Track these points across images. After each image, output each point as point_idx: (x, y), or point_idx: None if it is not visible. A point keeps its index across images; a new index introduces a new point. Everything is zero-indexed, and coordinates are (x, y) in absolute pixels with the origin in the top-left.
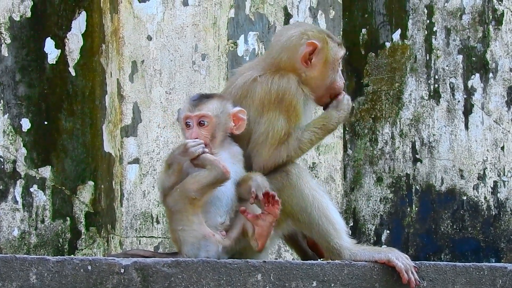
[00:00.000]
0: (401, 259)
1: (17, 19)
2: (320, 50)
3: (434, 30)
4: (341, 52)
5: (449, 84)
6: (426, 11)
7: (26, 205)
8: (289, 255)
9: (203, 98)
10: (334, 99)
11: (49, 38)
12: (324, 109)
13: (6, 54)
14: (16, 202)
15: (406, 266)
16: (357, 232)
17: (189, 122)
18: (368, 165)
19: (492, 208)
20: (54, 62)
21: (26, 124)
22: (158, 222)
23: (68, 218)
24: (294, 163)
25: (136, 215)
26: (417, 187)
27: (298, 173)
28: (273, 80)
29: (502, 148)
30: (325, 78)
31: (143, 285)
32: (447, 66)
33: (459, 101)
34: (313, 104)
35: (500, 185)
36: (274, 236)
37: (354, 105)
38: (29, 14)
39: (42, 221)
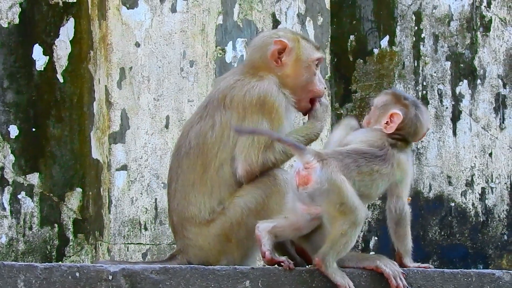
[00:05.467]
0: (389, 266)
1: (5, 25)
2: (291, 49)
3: (422, 36)
4: (317, 54)
5: (437, 90)
6: (414, 18)
7: (14, 212)
8: None
9: None
10: (313, 106)
11: (37, 44)
12: (304, 115)
13: None
14: (4, 209)
15: (394, 272)
16: None
17: None
18: None
19: (480, 214)
20: (42, 69)
21: (14, 130)
22: (146, 229)
23: (56, 225)
24: (281, 168)
25: (124, 222)
26: None
27: (285, 178)
28: (253, 83)
29: (490, 154)
30: (299, 77)
31: None
32: (435, 72)
33: (447, 108)
34: (294, 109)
35: (488, 191)
36: None
37: (342, 111)
38: (17, 21)
39: (30, 228)
